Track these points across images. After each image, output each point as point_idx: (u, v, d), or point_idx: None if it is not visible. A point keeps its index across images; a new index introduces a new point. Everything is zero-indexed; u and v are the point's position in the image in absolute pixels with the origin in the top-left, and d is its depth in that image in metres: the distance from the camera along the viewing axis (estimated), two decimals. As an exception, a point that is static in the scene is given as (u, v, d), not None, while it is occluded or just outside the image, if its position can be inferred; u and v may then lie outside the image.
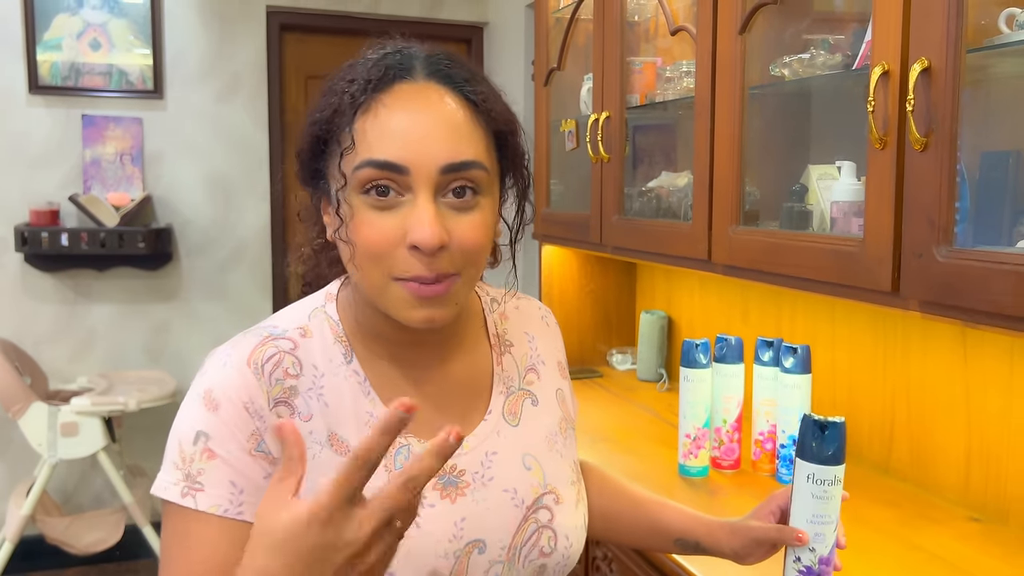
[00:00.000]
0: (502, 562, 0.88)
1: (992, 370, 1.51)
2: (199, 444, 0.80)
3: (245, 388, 0.81)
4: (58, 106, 3.36)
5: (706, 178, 1.73)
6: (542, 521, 0.91)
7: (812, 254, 1.45)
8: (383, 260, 0.79)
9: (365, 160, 0.79)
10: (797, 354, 1.63)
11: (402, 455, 0.85)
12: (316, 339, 0.87)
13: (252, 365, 0.82)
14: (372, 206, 0.79)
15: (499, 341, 0.98)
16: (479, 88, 0.84)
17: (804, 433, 1.07)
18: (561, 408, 1.00)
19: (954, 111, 1.16)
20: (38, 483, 3.01)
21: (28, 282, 3.38)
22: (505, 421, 0.93)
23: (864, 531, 1.46)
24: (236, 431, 0.80)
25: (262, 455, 0.81)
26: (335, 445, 0.84)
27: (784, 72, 1.60)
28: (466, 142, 0.81)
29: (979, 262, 1.13)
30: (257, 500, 0.79)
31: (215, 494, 0.79)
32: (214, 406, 0.81)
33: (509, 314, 1.01)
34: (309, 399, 0.84)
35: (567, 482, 0.95)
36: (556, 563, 0.91)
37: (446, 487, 0.86)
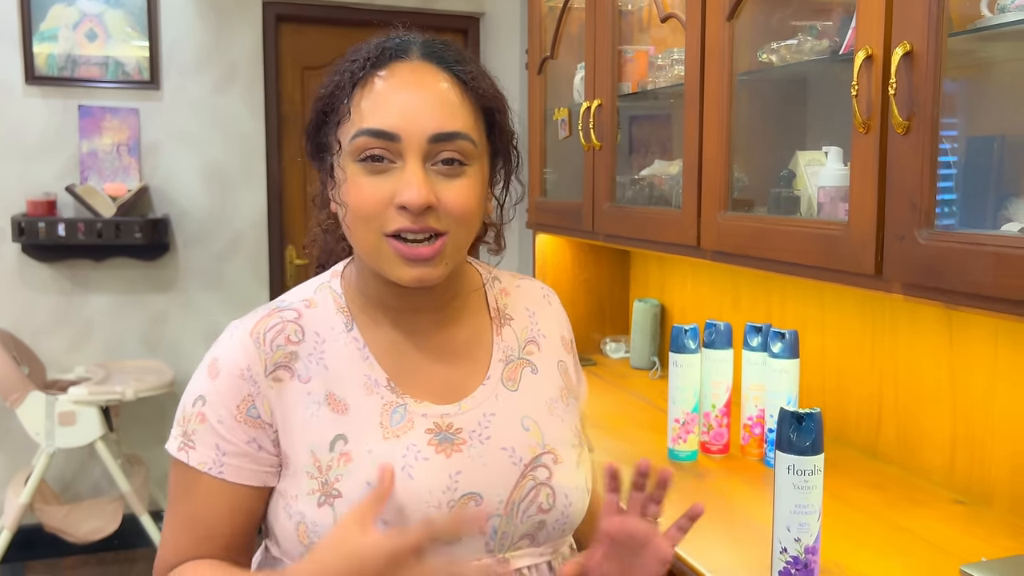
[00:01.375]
0: (500, 515, 0.92)
1: (977, 354, 1.52)
2: (196, 407, 0.91)
3: (244, 357, 0.90)
4: (55, 97, 3.37)
5: (695, 164, 1.74)
6: (540, 479, 0.94)
7: (798, 238, 1.46)
8: (374, 219, 0.86)
9: (360, 129, 0.86)
10: (785, 339, 1.64)
11: (398, 413, 0.92)
12: (320, 309, 0.95)
13: (254, 335, 0.92)
14: (366, 172, 0.87)
15: (499, 314, 1.03)
16: (469, 68, 0.91)
17: (782, 426, 1.09)
18: (563, 378, 1.04)
19: (935, 95, 1.17)
20: (36, 472, 3.03)
21: (25, 272, 3.39)
22: (504, 386, 0.98)
23: (850, 513, 1.47)
24: (228, 398, 0.90)
25: (251, 419, 0.90)
26: (332, 404, 0.91)
27: (772, 58, 1.61)
28: (455, 115, 0.88)
29: (960, 244, 1.14)
30: (240, 463, 0.90)
31: (203, 453, 0.90)
32: (215, 373, 0.91)
33: (510, 291, 1.07)
34: (309, 363, 0.92)
35: (567, 444, 0.98)
36: (555, 520, 0.95)
37: (441, 443, 0.91)
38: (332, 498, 0.87)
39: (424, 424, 0.92)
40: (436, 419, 0.92)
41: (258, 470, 0.91)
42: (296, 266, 3.76)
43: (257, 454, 0.90)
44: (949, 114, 1.32)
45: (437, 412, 0.93)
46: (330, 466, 0.88)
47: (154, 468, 3.52)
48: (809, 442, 1.08)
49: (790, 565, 1.10)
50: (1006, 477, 1.47)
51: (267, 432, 0.91)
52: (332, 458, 0.89)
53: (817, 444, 1.08)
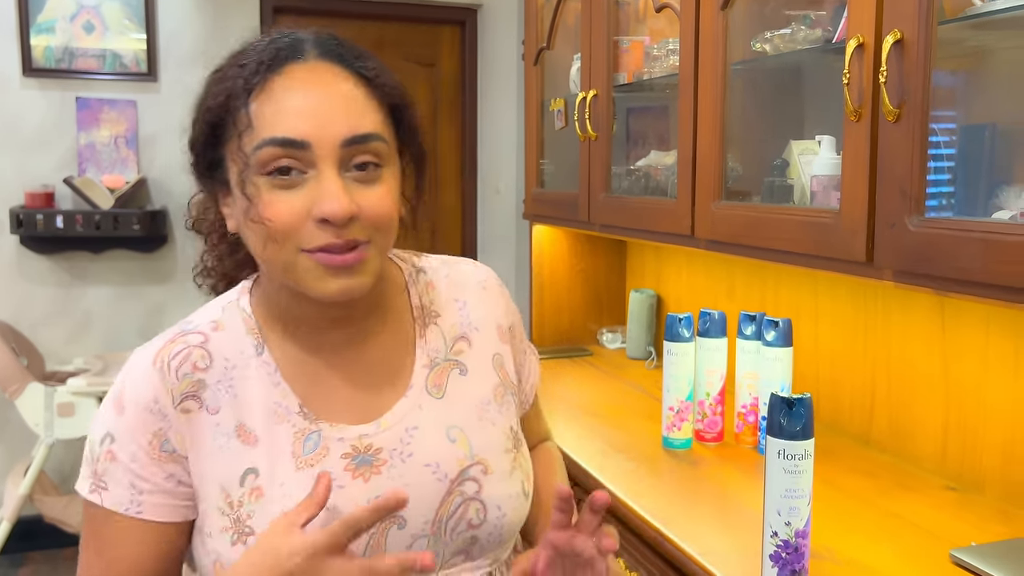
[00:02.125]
0: (427, 536, 0.87)
1: (969, 342, 1.53)
2: (104, 445, 0.85)
3: (150, 389, 0.85)
4: (52, 89, 3.37)
5: (689, 154, 1.75)
6: (468, 493, 0.89)
7: (790, 227, 1.47)
8: (291, 237, 0.79)
9: (265, 139, 0.79)
10: (779, 328, 1.65)
11: (311, 441, 0.86)
12: (228, 332, 0.89)
13: (157, 363, 0.85)
14: (275, 186, 0.79)
15: (423, 313, 0.96)
16: (370, 64, 0.85)
17: (772, 411, 1.10)
18: (498, 374, 0.98)
19: (926, 83, 1.17)
20: (35, 463, 3.04)
21: (24, 264, 3.40)
22: (428, 394, 0.92)
23: (841, 499, 1.48)
24: (138, 434, 0.84)
25: (165, 455, 0.85)
26: (242, 436, 0.86)
27: (766, 47, 1.61)
28: (364, 116, 0.82)
29: (949, 231, 1.15)
30: (158, 500, 0.85)
31: (117, 493, 0.84)
32: (120, 408, 0.85)
33: (437, 283, 0.99)
34: (218, 391, 0.86)
35: (499, 451, 0.94)
36: (488, 534, 0.90)
37: (359, 467, 0.86)
38: (245, 535, 0.83)
39: (340, 449, 0.86)
40: (353, 441, 0.87)
41: (178, 505, 0.86)
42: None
43: (176, 489, 0.85)
44: (940, 103, 1.33)
45: (354, 434, 0.87)
46: (241, 502, 0.83)
47: (153, 459, 3.54)
48: (799, 427, 1.09)
49: (780, 549, 1.11)
50: (997, 464, 1.48)
51: (184, 465, 0.85)
52: (243, 493, 0.84)
53: (807, 429, 1.09)
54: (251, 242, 0.84)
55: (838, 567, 1.23)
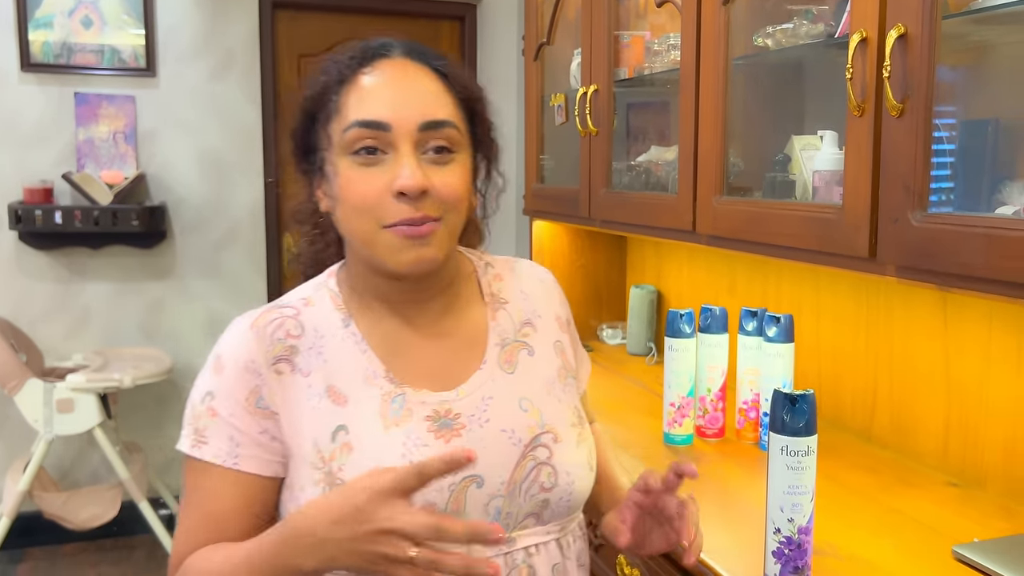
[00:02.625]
0: (502, 496, 0.94)
1: (971, 338, 1.53)
2: (205, 403, 0.93)
3: (247, 350, 0.93)
4: (51, 84, 3.36)
5: (691, 149, 1.74)
6: (540, 458, 0.96)
7: (792, 222, 1.46)
8: (372, 211, 0.89)
9: (352, 122, 0.89)
10: (780, 323, 1.64)
11: (397, 403, 0.94)
12: (317, 307, 0.98)
13: (255, 328, 0.94)
14: (360, 164, 0.89)
15: (493, 299, 1.05)
16: (447, 64, 0.96)
17: (776, 407, 1.09)
18: (560, 358, 1.06)
19: (929, 77, 1.17)
20: (34, 459, 3.04)
21: (23, 260, 3.39)
22: (501, 369, 1.00)
23: (844, 495, 1.48)
24: (236, 390, 0.92)
25: (260, 410, 0.92)
26: (333, 396, 0.93)
27: (767, 42, 1.61)
28: (440, 105, 0.92)
29: (952, 226, 1.15)
30: (254, 453, 0.92)
31: (217, 446, 0.92)
32: (220, 368, 0.94)
33: (504, 275, 1.08)
34: (309, 356, 0.94)
35: (566, 423, 1.00)
36: (559, 498, 0.97)
37: (440, 429, 0.93)
38: (337, 486, 0.89)
39: (423, 412, 0.94)
40: (435, 406, 0.94)
41: (271, 460, 0.93)
42: (293, 254, 3.75)
43: (269, 444, 0.93)
44: (944, 98, 1.33)
45: (436, 399, 0.95)
46: (333, 456, 0.91)
47: (152, 455, 3.53)
48: (802, 423, 1.08)
49: (783, 545, 1.11)
50: (999, 460, 1.48)
51: (276, 421, 0.93)
52: (334, 448, 0.91)
53: (810, 425, 1.09)
54: (339, 218, 0.94)
55: (840, 563, 1.23)
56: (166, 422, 3.62)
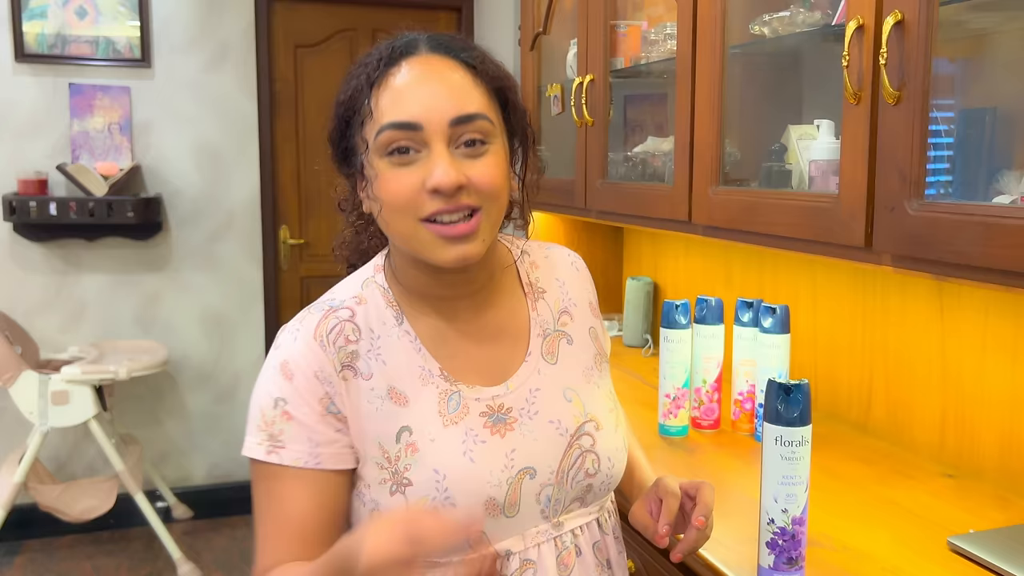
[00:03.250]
0: (552, 484, 0.97)
1: (967, 328, 1.52)
2: (278, 408, 0.93)
3: (315, 359, 0.94)
4: (45, 75, 3.34)
5: (687, 138, 1.73)
6: (585, 446, 1.00)
7: (788, 212, 1.45)
8: (409, 208, 0.90)
9: (383, 124, 0.90)
10: (776, 314, 1.63)
11: (453, 400, 0.96)
12: (371, 305, 0.99)
13: (318, 338, 0.95)
14: (394, 165, 0.90)
15: (532, 289, 1.07)
16: (475, 53, 0.95)
17: (770, 397, 1.08)
18: (595, 344, 1.09)
19: (926, 65, 1.16)
20: (30, 451, 3.03)
21: (17, 252, 3.38)
22: (544, 360, 1.03)
23: (839, 486, 1.47)
24: (309, 396, 0.93)
25: (331, 415, 0.94)
26: (394, 398, 0.95)
27: (764, 30, 1.59)
28: (470, 98, 0.92)
29: (948, 215, 1.14)
30: (332, 452, 0.93)
31: (296, 449, 0.92)
32: (289, 375, 0.93)
33: (540, 263, 1.09)
34: (369, 360, 0.96)
35: (605, 409, 1.05)
36: (601, 482, 1.01)
37: (495, 424, 0.96)
38: (403, 486, 0.92)
39: (478, 408, 0.97)
40: (488, 401, 0.97)
41: (351, 454, 0.95)
42: (290, 246, 3.75)
43: (346, 439, 0.95)
44: (941, 86, 1.32)
45: (488, 395, 0.98)
46: (398, 456, 0.93)
47: (148, 447, 3.53)
48: (797, 413, 1.07)
49: (777, 536, 1.10)
50: (995, 450, 1.47)
51: (346, 424, 0.95)
52: (399, 449, 0.93)
53: (805, 415, 1.08)
54: (383, 219, 0.94)
55: (835, 554, 1.22)
56: (162, 414, 3.62)
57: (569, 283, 1.10)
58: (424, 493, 0.91)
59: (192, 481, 3.67)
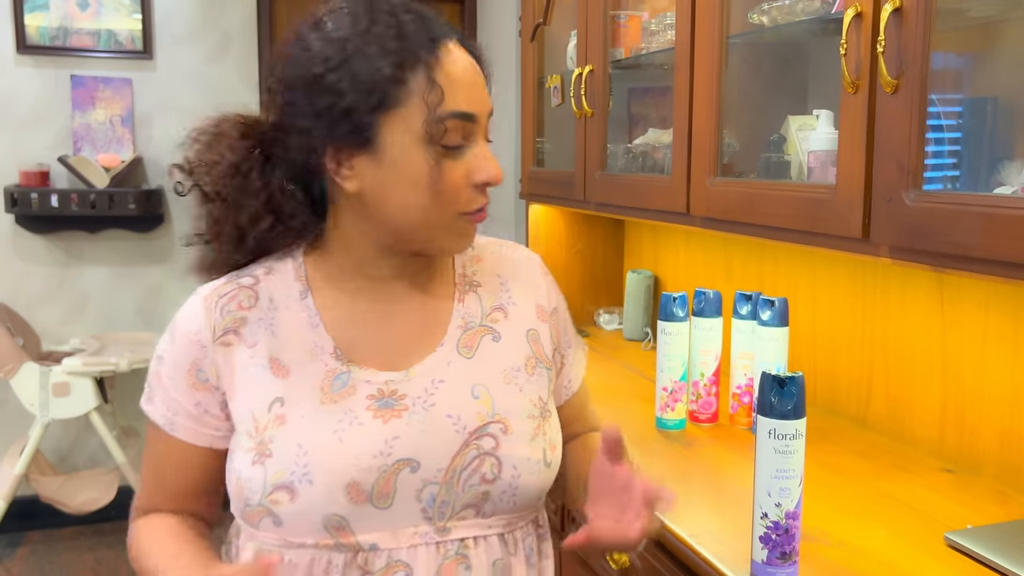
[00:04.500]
0: (438, 483, 0.91)
1: (968, 321, 1.50)
2: (155, 365, 0.98)
3: (195, 323, 0.95)
4: (47, 67, 3.34)
5: (685, 129, 1.71)
6: (485, 448, 0.93)
7: (786, 203, 1.43)
8: (454, 200, 0.89)
9: (447, 112, 0.86)
10: (774, 307, 1.62)
11: (340, 380, 0.93)
12: (277, 275, 0.97)
13: (207, 301, 0.95)
14: (442, 155, 0.87)
15: (464, 280, 1.03)
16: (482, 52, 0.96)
17: (764, 389, 1.07)
18: (532, 347, 1.03)
19: (925, 52, 1.14)
20: (31, 443, 3.04)
21: (19, 244, 3.38)
22: (459, 353, 0.98)
23: (837, 480, 1.46)
24: (180, 360, 0.95)
25: (199, 383, 0.94)
26: (274, 368, 0.93)
27: (763, 19, 1.57)
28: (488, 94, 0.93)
29: (947, 205, 1.12)
30: (186, 424, 0.95)
31: (159, 409, 0.97)
32: (173, 336, 0.96)
33: (484, 258, 1.06)
34: (257, 328, 0.94)
35: (522, 415, 0.96)
36: (500, 491, 0.93)
37: (380, 408, 0.92)
38: (264, 457, 0.90)
39: (366, 390, 0.93)
40: (380, 385, 0.93)
41: (203, 432, 0.96)
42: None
43: (202, 417, 0.95)
44: (941, 76, 1.30)
45: (382, 379, 0.94)
46: (266, 427, 0.91)
47: (150, 440, 3.53)
48: (791, 406, 1.06)
49: (770, 530, 1.09)
50: (995, 445, 1.45)
51: (214, 396, 0.94)
52: (268, 419, 0.91)
53: (799, 408, 1.07)
54: (399, 204, 0.89)
55: (831, 548, 1.21)
56: (164, 407, 3.61)
57: (513, 282, 1.05)
58: (283, 466, 0.88)
59: (194, 473, 3.67)
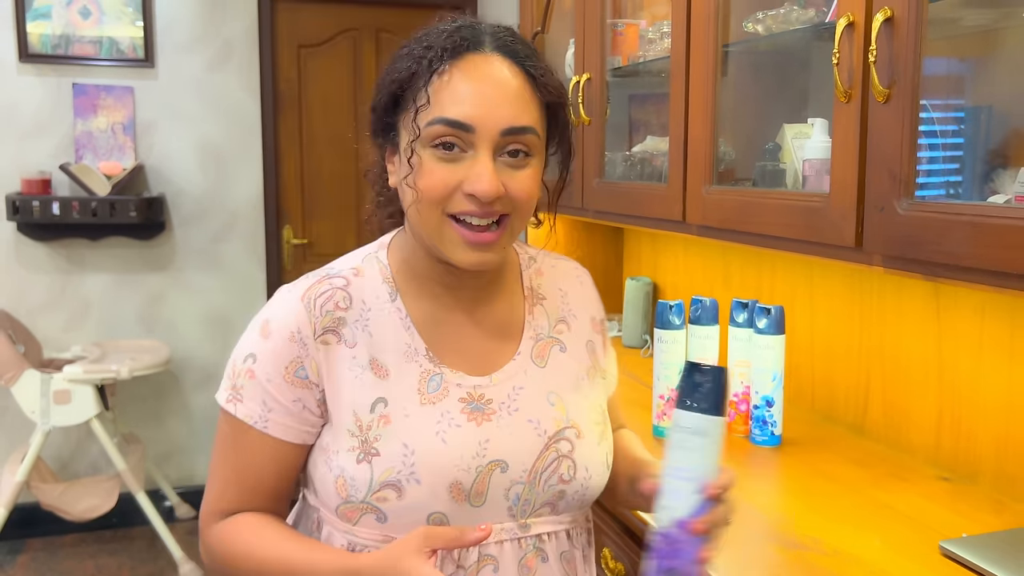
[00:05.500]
0: (523, 483, 0.97)
1: (964, 330, 1.50)
2: (246, 364, 0.98)
3: (296, 319, 0.96)
4: (49, 75, 3.36)
5: (681, 137, 1.72)
6: (562, 451, 0.99)
7: (781, 211, 1.44)
8: (441, 203, 0.91)
9: (437, 118, 0.90)
10: (771, 315, 1.62)
11: (434, 381, 0.97)
12: (367, 279, 1.01)
13: (305, 299, 0.97)
14: (438, 158, 0.91)
15: (532, 293, 1.08)
16: (538, 64, 0.95)
17: (682, 377, 0.91)
18: (590, 358, 1.09)
19: (916, 61, 1.14)
20: (32, 450, 3.04)
21: (21, 251, 3.39)
22: (533, 362, 1.03)
23: (832, 489, 1.46)
24: (278, 358, 0.96)
25: (299, 380, 0.96)
26: (375, 369, 0.97)
27: (758, 28, 1.58)
28: (524, 109, 0.92)
29: (939, 214, 1.12)
30: (283, 420, 0.97)
31: (250, 407, 0.97)
32: (267, 334, 0.97)
33: (545, 271, 1.11)
34: (355, 329, 0.98)
35: (590, 421, 1.04)
36: (575, 491, 1.00)
37: (473, 411, 0.97)
38: (371, 456, 0.94)
39: (458, 393, 0.98)
40: (469, 389, 0.98)
41: (300, 429, 0.98)
42: (293, 246, 3.75)
43: (301, 413, 0.97)
44: (932, 84, 1.30)
45: (470, 383, 0.99)
46: (370, 426, 0.95)
47: (150, 447, 3.54)
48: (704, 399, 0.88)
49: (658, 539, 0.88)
50: (991, 453, 1.45)
51: (313, 392, 0.97)
52: (372, 419, 0.95)
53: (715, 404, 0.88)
54: (406, 201, 0.95)
55: (825, 558, 1.21)
56: (164, 414, 3.62)
57: (572, 295, 1.11)
58: (390, 465, 0.92)
59: (194, 481, 3.67)
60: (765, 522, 1.34)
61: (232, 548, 0.98)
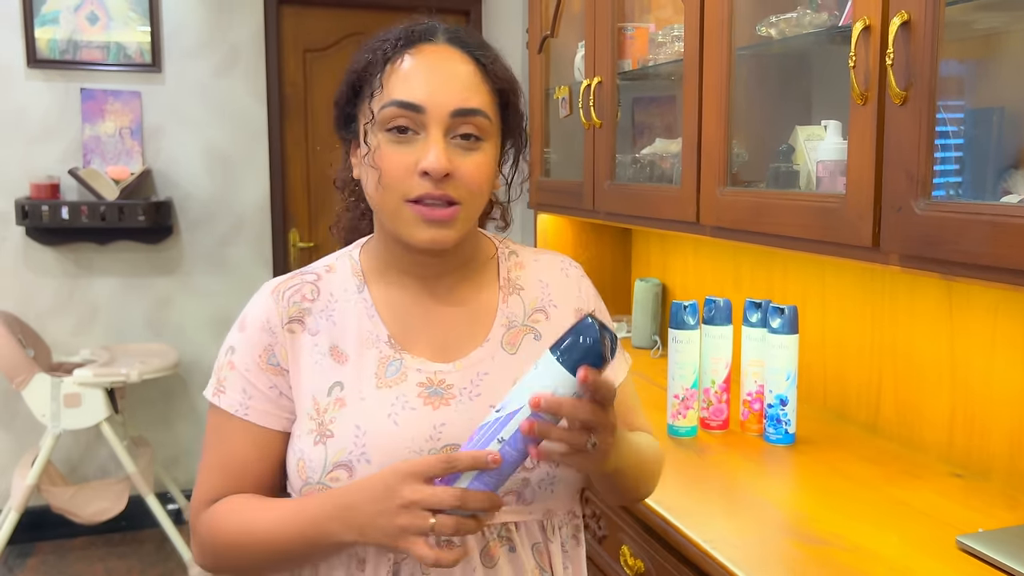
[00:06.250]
0: None
1: (977, 327, 1.52)
2: (227, 356, 1.03)
3: (265, 311, 1.02)
4: (57, 80, 3.37)
5: (694, 139, 1.74)
6: None
7: (796, 212, 1.45)
8: (398, 185, 0.94)
9: (390, 100, 0.95)
10: (784, 315, 1.64)
11: (393, 366, 0.99)
12: (337, 273, 1.06)
13: (275, 293, 1.03)
14: (392, 141, 0.95)
15: (508, 284, 1.08)
16: (488, 53, 1.00)
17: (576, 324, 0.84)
18: None
19: (933, 64, 1.16)
20: (42, 453, 3.05)
21: (30, 256, 3.40)
22: (502, 349, 1.03)
23: (849, 486, 1.47)
24: (253, 348, 1.01)
25: (271, 367, 1.01)
26: (335, 355, 1.00)
27: (771, 32, 1.60)
28: (474, 94, 0.96)
29: (955, 214, 1.14)
30: (263, 407, 1.00)
31: (232, 397, 1.01)
32: (243, 327, 1.03)
33: (527, 264, 1.11)
34: (319, 319, 1.02)
35: None
36: (539, 479, 0.98)
37: (430, 396, 0.98)
38: (326, 437, 0.96)
39: (417, 378, 0.99)
40: (429, 374, 1.00)
41: (279, 415, 1.01)
42: (299, 249, 3.77)
43: (278, 400, 1.01)
44: (948, 86, 1.32)
45: (431, 368, 1.00)
46: (326, 409, 0.97)
47: (159, 450, 3.55)
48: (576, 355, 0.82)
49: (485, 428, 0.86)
50: (1004, 450, 1.47)
51: (285, 378, 1.01)
52: (329, 402, 0.98)
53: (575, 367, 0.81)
54: (368, 186, 0.99)
55: (844, 553, 1.23)
56: (173, 417, 3.63)
57: (554, 286, 1.10)
58: (342, 446, 0.95)
59: (203, 483, 3.68)
60: (784, 519, 1.36)
61: (224, 525, 0.99)
